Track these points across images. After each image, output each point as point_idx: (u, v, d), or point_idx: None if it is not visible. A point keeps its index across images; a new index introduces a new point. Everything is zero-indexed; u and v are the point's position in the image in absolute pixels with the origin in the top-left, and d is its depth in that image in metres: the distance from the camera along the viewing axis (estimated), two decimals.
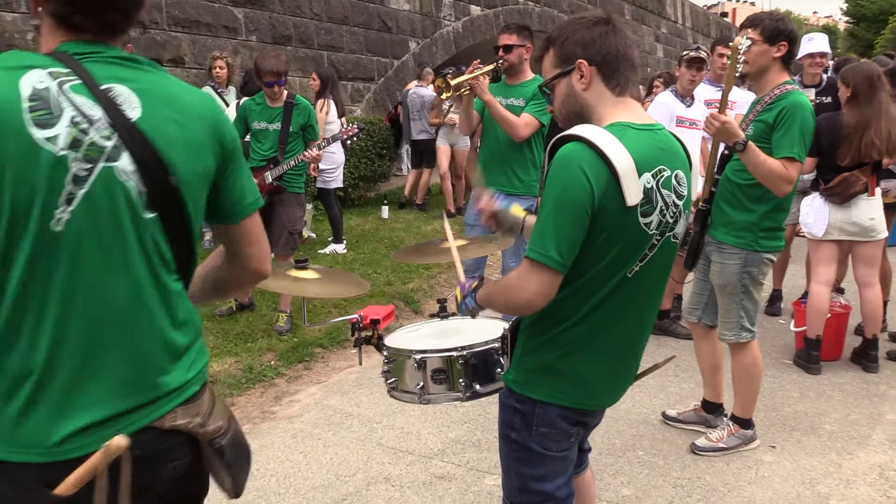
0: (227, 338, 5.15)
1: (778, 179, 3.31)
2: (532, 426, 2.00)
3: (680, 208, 1.93)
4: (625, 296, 1.92)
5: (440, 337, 2.51)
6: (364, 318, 2.50)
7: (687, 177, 1.96)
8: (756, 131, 3.45)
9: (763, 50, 3.43)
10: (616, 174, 1.77)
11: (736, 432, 3.73)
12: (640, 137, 1.85)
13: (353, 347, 2.54)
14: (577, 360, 1.95)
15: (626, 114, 1.91)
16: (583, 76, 1.93)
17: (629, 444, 3.84)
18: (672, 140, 1.96)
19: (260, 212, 5.09)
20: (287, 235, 5.36)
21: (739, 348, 3.66)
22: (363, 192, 10.63)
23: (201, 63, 8.87)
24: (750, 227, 3.49)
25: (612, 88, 1.93)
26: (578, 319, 1.91)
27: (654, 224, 1.86)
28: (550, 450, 2.01)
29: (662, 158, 1.88)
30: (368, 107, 11.83)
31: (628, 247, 1.86)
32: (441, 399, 2.32)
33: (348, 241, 7.99)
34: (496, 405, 4.27)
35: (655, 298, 2.05)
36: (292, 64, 10.29)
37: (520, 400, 2.02)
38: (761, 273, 3.55)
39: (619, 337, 1.98)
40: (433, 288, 6.85)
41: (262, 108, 5.39)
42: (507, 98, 4.80)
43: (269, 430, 4.06)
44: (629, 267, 1.89)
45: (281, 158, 5.33)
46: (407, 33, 12.72)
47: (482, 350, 2.25)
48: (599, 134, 1.81)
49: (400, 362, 2.36)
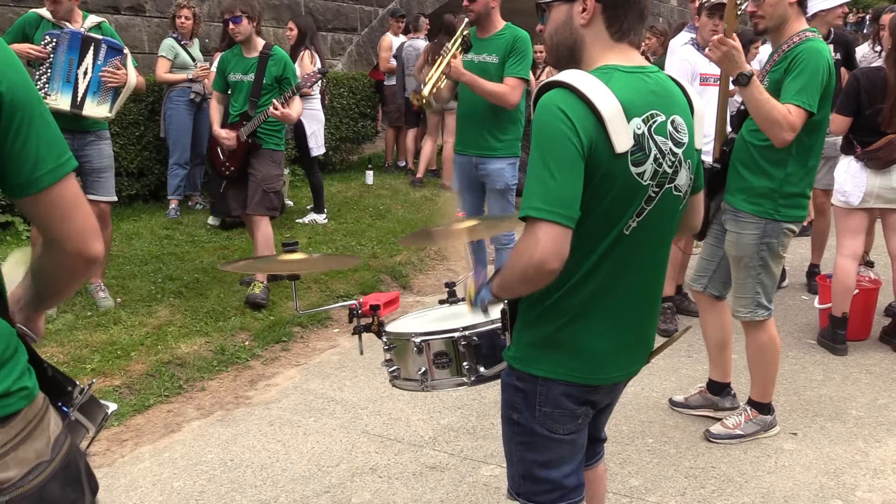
0: (196, 316, 5.15)
1: (778, 125, 3.30)
2: (535, 406, 2.01)
3: (679, 157, 1.92)
4: (624, 255, 1.92)
5: (444, 321, 2.52)
6: (363, 304, 2.51)
7: (687, 123, 1.95)
8: (770, 83, 3.46)
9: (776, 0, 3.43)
10: (601, 118, 1.77)
11: (754, 418, 3.77)
12: (628, 80, 1.86)
13: (352, 334, 2.54)
14: (579, 329, 1.96)
15: (619, 58, 1.91)
16: (585, 9, 1.92)
17: (638, 431, 3.87)
18: (668, 83, 1.96)
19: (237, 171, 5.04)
20: (262, 194, 5.41)
21: (755, 327, 3.68)
22: (345, 155, 10.58)
23: (163, 11, 8.76)
24: (769, 193, 3.49)
25: (612, 32, 1.92)
26: (576, 283, 1.91)
27: (649, 174, 1.86)
28: (556, 432, 2.02)
29: (655, 103, 1.88)
30: (350, 60, 11.73)
31: (621, 198, 1.85)
32: (445, 385, 2.34)
33: (329, 209, 7.97)
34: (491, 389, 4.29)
35: (660, 260, 2.04)
36: (265, 13, 10.18)
37: (521, 378, 2.03)
38: (781, 245, 3.56)
39: (623, 302, 1.98)
40: (422, 261, 6.86)
41: (237, 59, 5.47)
42: (479, 54, 4.83)
43: (243, 416, 4.08)
44: (625, 222, 1.88)
45: (252, 113, 5.37)
46: None
47: (486, 330, 2.26)
48: (582, 78, 1.81)
49: (401, 348, 2.38)
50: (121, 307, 5.19)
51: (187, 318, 5.13)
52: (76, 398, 1.68)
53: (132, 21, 8.58)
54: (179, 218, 7.43)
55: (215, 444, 3.79)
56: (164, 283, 5.66)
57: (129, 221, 7.16)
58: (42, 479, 1.45)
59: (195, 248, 6.54)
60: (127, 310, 5.15)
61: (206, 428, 3.95)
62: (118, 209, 7.25)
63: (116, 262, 5.99)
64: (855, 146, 4.77)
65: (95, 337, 4.70)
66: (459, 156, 5.10)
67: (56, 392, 1.63)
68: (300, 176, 8.75)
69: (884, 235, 5.00)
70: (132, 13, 8.61)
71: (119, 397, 4.12)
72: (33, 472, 1.44)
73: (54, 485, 1.48)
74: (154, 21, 8.83)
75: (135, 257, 6.18)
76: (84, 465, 1.61)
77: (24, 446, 1.44)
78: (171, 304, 5.33)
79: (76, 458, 1.58)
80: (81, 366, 4.33)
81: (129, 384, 4.25)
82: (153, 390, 4.25)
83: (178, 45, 7.48)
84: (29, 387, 1.47)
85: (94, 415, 1.73)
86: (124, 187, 7.51)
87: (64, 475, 1.51)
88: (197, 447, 3.76)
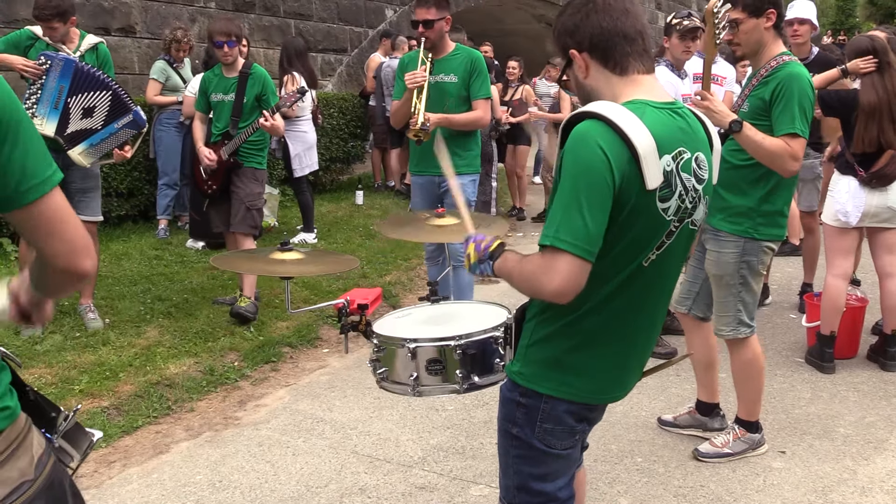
0: (185, 336, 5.14)
1: (781, 158, 3.36)
2: (536, 422, 2.05)
3: (700, 193, 1.98)
4: (640, 286, 1.97)
5: (434, 324, 2.54)
6: (351, 302, 2.51)
7: (708, 159, 2.01)
8: (752, 108, 3.51)
9: (752, 25, 3.48)
10: (636, 155, 1.80)
11: (742, 436, 3.79)
12: (659, 116, 1.89)
13: (340, 333, 2.55)
14: (589, 352, 2.01)
15: (640, 91, 1.95)
16: (580, 65, 2.00)
17: (627, 451, 3.88)
18: (692, 119, 2.01)
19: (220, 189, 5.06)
20: (244, 211, 5.45)
21: (738, 344, 3.72)
22: (335, 175, 10.61)
23: (154, 32, 8.80)
24: (747, 212, 3.54)
25: (612, 69, 1.97)
26: (590, 309, 1.95)
27: (673, 210, 1.91)
28: (554, 447, 2.07)
29: (683, 140, 1.92)
30: (341, 81, 11.79)
31: (645, 233, 1.90)
32: (436, 391, 2.34)
33: (319, 229, 7.99)
34: (481, 409, 4.32)
35: (669, 290, 2.11)
36: (256, 34, 10.24)
37: (525, 394, 2.06)
38: (761, 263, 3.61)
39: (632, 329, 2.04)
40: (412, 281, 6.88)
41: (219, 79, 5.52)
42: (437, 75, 4.87)
43: (232, 437, 4.07)
44: (645, 255, 1.93)
45: (234, 132, 5.41)
46: (383, 0, 12.68)
47: (481, 339, 2.27)
48: (618, 111, 1.84)
49: (391, 351, 2.37)
50: (109, 328, 5.18)
51: (176, 338, 5.12)
52: (60, 425, 1.68)
53: (122, 42, 8.62)
54: (169, 238, 7.43)
55: (204, 465, 3.78)
56: (153, 304, 5.65)
57: (119, 242, 7.16)
58: (26, 499, 1.45)
59: (184, 269, 6.54)
60: (116, 330, 5.14)
61: (195, 449, 3.94)
62: (107, 229, 7.26)
63: (105, 282, 5.98)
64: (857, 169, 4.79)
65: (84, 358, 4.69)
66: (419, 177, 5.11)
67: (39, 417, 1.62)
68: (290, 196, 8.77)
69: (871, 254, 5.04)
70: (122, 34, 8.64)
71: (107, 418, 4.11)
72: (17, 492, 1.44)
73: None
74: (144, 42, 8.86)
75: (124, 278, 6.18)
76: (69, 484, 1.61)
77: (7, 466, 1.43)
78: (160, 324, 5.32)
79: (61, 477, 1.58)
80: (70, 387, 4.31)
81: (117, 405, 4.24)
82: (141, 411, 4.24)
83: (169, 67, 7.51)
84: (11, 406, 1.47)
85: (79, 442, 1.73)
86: (114, 208, 7.51)
87: (48, 494, 1.51)
88: (185, 468, 3.75)
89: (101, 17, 8.39)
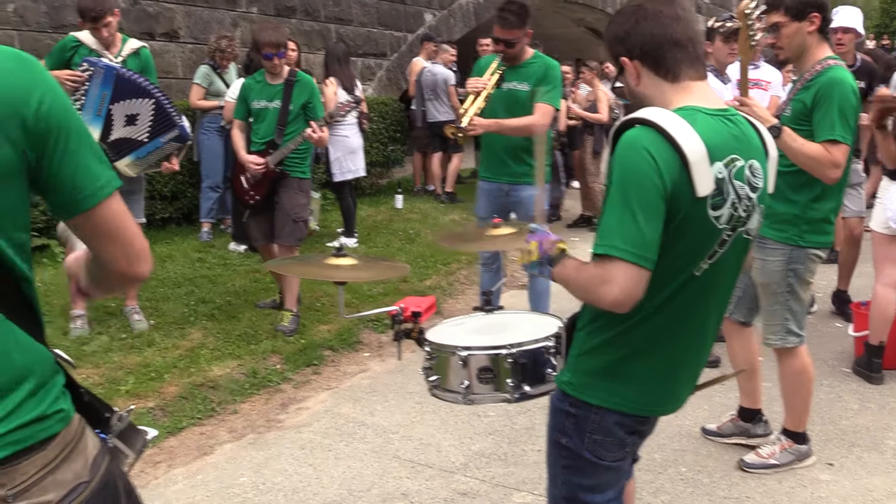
0: (228, 339, 5.20)
1: (821, 165, 3.31)
2: (586, 432, 2.04)
3: (754, 202, 1.95)
4: (692, 295, 1.95)
5: (486, 333, 2.55)
6: (405, 309, 2.52)
7: (763, 167, 1.99)
8: (794, 112, 3.46)
9: (794, 29, 3.41)
10: (686, 161, 1.79)
11: (789, 447, 3.74)
12: (711, 123, 1.88)
13: (393, 340, 2.56)
14: (640, 363, 1.99)
15: (693, 98, 1.94)
16: (632, 73, 2.00)
17: (670, 460, 3.85)
18: (747, 127, 1.99)
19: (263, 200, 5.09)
20: (291, 224, 5.40)
21: (786, 354, 3.67)
22: (375, 179, 10.66)
23: (197, 37, 8.91)
24: (792, 219, 3.49)
25: (664, 76, 1.96)
26: (642, 319, 1.94)
27: (725, 218, 1.89)
28: (604, 459, 2.06)
29: (736, 147, 1.91)
30: (380, 85, 11.84)
31: (696, 241, 1.89)
32: (487, 399, 2.36)
33: (359, 233, 8.03)
34: (523, 415, 4.31)
35: (724, 300, 2.09)
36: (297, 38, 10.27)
37: (574, 404, 2.06)
38: (808, 271, 3.56)
39: (686, 339, 2.02)
40: (452, 286, 6.88)
41: (262, 86, 5.42)
42: (510, 82, 4.87)
43: (275, 440, 4.10)
44: (697, 264, 1.92)
45: (279, 140, 5.34)
46: (422, 4, 12.71)
47: (533, 349, 2.28)
48: (668, 117, 1.84)
49: (443, 359, 2.39)
50: (155, 329, 5.25)
51: (219, 340, 5.18)
52: (114, 425, 1.70)
53: (166, 47, 8.74)
54: (212, 241, 7.51)
55: (247, 467, 3.82)
56: (196, 306, 5.72)
57: (163, 244, 7.25)
58: (81, 501, 1.47)
59: (227, 272, 6.61)
60: (160, 332, 5.21)
61: (239, 451, 3.98)
62: (152, 232, 7.35)
63: (150, 284, 6.06)
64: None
65: (130, 359, 4.76)
66: (487, 182, 5.11)
67: (93, 418, 1.65)
68: (331, 200, 8.82)
69: None
70: (166, 39, 8.76)
71: (153, 419, 4.16)
72: (72, 494, 1.46)
73: None
74: (188, 47, 8.98)
75: (168, 280, 6.26)
76: (124, 485, 1.63)
77: (62, 468, 1.45)
78: (204, 326, 5.38)
79: (115, 479, 1.60)
80: (116, 387, 4.38)
81: (162, 406, 4.30)
82: (186, 412, 4.29)
83: (213, 72, 7.58)
84: (65, 409, 1.49)
85: (134, 441, 1.75)
86: (157, 210, 7.62)
87: (103, 496, 1.53)
88: (229, 470, 3.79)
89: (146, 21, 8.52)
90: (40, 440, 1.42)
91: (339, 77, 7.79)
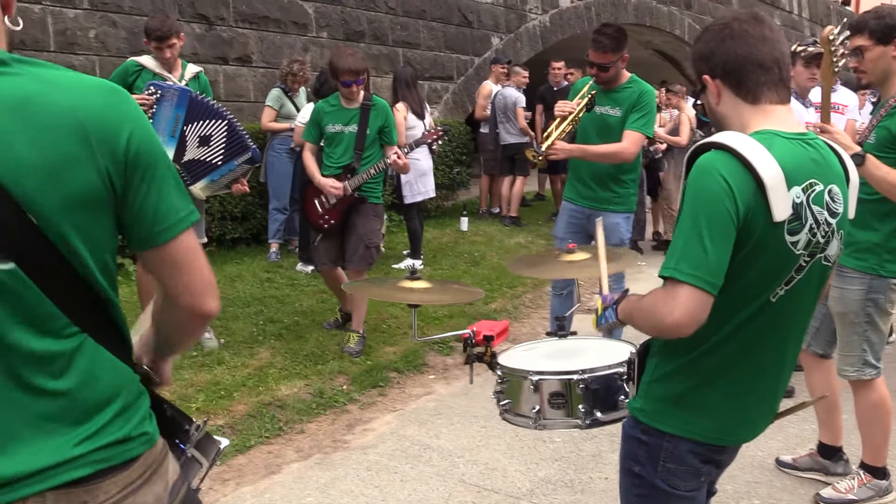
0: (295, 359, 5.26)
1: None
2: (658, 461, 2.00)
3: (833, 227, 1.91)
4: (768, 322, 1.91)
5: (558, 358, 2.54)
6: (477, 333, 2.52)
7: (843, 192, 1.94)
8: (879, 139, 3.36)
9: (879, 53, 3.32)
10: (763, 186, 1.77)
11: (868, 482, 3.62)
12: (789, 147, 1.85)
13: (464, 363, 2.56)
14: (714, 390, 1.95)
15: (771, 121, 1.91)
16: (713, 92, 1.97)
17: (743, 492, 3.75)
18: (826, 151, 1.95)
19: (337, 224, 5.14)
20: (364, 249, 5.41)
21: (863, 386, 3.56)
22: (441, 201, 10.72)
23: (269, 61, 9.11)
24: (874, 248, 3.40)
25: (744, 97, 1.94)
26: (715, 345, 1.91)
27: (802, 243, 1.85)
28: (678, 488, 2.01)
29: (814, 171, 1.87)
30: (447, 108, 11.93)
31: (772, 267, 1.85)
32: (558, 425, 2.34)
33: (424, 255, 8.07)
34: (589, 441, 4.26)
35: (801, 328, 2.04)
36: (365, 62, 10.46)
37: (646, 431, 2.02)
38: (888, 301, 3.46)
39: (761, 367, 1.97)
40: (517, 308, 6.86)
41: (336, 110, 5.43)
42: (602, 106, 4.80)
43: (341, 460, 4.13)
44: (773, 290, 1.88)
45: (357, 165, 5.35)
46: (489, 28, 12.78)
47: (605, 374, 2.25)
48: (744, 141, 1.81)
49: (515, 383, 2.37)
50: (224, 348, 5.34)
51: (287, 360, 5.24)
52: (193, 435, 1.74)
53: (239, 71, 8.95)
54: (279, 261, 7.63)
55: (314, 487, 3.84)
56: (265, 326, 5.80)
57: (233, 264, 7.39)
58: None
59: (295, 292, 6.70)
60: (230, 351, 5.30)
61: (305, 470, 4.01)
62: (222, 252, 7.51)
63: (220, 303, 6.16)
64: None
65: (200, 377, 4.85)
66: (571, 204, 5.06)
67: (174, 430, 1.69)
68: (396, 221, 8.89)
69: None
70: (240, 63, 8.98)
71: (222, 437, 4.22)
72: None
73: None
74: (260, 71, 9.18)
75: (237, 299, 6.37)
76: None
77: (143, 490, 1.47)
78: (272, 346, 5.46)
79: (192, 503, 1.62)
80: (186, 404, 4.46)
81: (231, 424, 4.36)
82: (254, 431, 4.35)
83: (284, 95, 7.74)
84: (149, 432, 1.51)
85: (208, 450, 1.80)
86: (228, 230, 7.78)
87: None
88: (296, 489, 3.82)
89: (220, 47, 8.75)
90: (123, 461, 1.44)
91: (408, 101, 7.85)
